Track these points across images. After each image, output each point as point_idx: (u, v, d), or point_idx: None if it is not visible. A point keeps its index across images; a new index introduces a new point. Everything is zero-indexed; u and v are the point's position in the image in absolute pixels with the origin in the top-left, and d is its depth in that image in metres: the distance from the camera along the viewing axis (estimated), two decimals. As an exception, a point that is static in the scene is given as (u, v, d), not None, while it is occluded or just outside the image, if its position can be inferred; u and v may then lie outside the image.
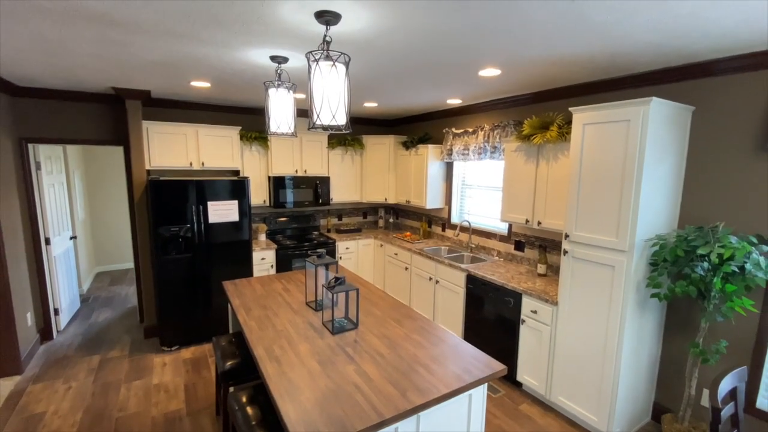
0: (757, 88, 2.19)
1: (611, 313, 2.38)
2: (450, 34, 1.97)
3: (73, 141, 3.77)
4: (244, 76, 2.95)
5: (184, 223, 3.60)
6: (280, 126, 2.40)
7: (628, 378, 2.46)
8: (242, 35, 2.02)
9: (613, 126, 2.31)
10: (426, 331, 2.20)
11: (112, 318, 4.48)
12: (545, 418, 2.77)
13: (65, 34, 2.05)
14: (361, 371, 1.76)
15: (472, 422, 1.88)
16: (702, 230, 2.20)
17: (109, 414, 2.79)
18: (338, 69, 1.68)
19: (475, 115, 4.21)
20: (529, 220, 3.21)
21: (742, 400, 1.61)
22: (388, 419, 1.45)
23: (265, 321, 2.28)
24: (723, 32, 1.88)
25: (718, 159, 2.36)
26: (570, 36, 1.97)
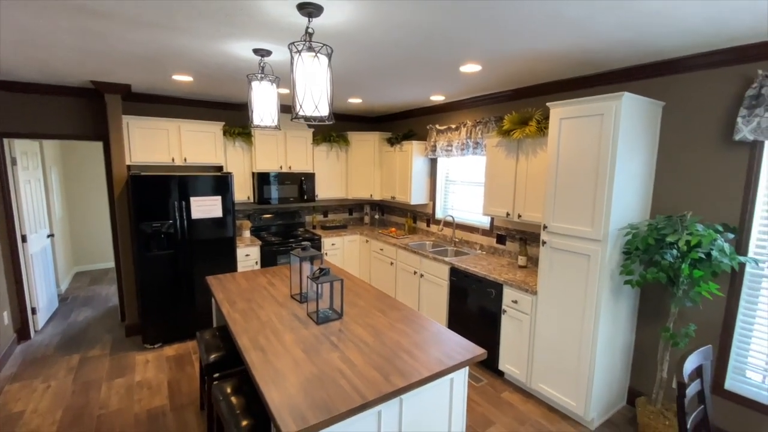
0: (722, 84, 2.31)
1: (587, 301, 2.47)
2: (430, 30, 2.02)
3: (50, 136, 3.68)
4: (226, 70, 2.94)
5: (167, 219, 3.56)
6: (263, 119, 2.41)
7: (604, 364, 2.56)
8: (224, 26, 2.02)
9: (588, 120, 2.40)
10: (409, 320, 2.24)
11: (92, 317, 4.39)
12: (526, 405, 2.85)
13: (42, 24, 2.02)
14: (345, 358, 1.79)
15: (453, 406, 1.93)
16: (671, 219, 2.31)
17: (90, 412, 2.75)
18: (320, 60, 1.71)
19: (457, 112, 4.28)
20: (510, 213, 3.29)
21: (708, 377, 1.70)
22: (371, 401, 1.49)
23: (250, 313, 2.29)
24: (689, 30, 1.98)
25: (687, 151, 2.48)
26: (545, 32, 2.04)
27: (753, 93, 2.13)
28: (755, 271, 2.29)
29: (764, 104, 2.09)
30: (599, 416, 2.64)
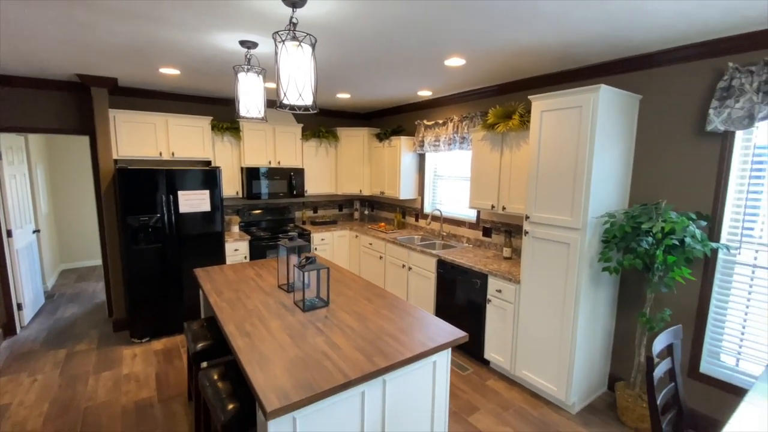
0: (695, 77, 2.39)
1: (567, 288, 2.54)
2: (413, 22, 2.06)
3: (36, 130, 3.65)
4: (214, 63, 2.96)
5: (154, 212, 3.56)
6: (249, 110, 2.43)
7: (584, 349, 2.63)
8: (210, 17, 2.05)
9: (568, 112, 2.46)
10: (395, 307, 2.29)
11: (79, 313, 4.36)
12: (510, 392, 2.91)
13: (29, 15, 2.02)
14: (330, 342, 1.83)
15: (437, 388, 1.98)
16: (646, 207, 2.38)
17: (77, 404, 2.75)
18: (304, 50, 1.74)
19: (445, 108, 4.34)
20: (495, 206, 3.36)
21: (678, 356, 1.77)
22: (354, 380, 1.53)
23: (237, 303, 2.32)
24: (660, 24, 2.05)
25: (662, 142, 2.56)
26: (523, 25, 2.10)
27: (724, 85, 2.22)
28: (728, 258, 2.38)
29: (734, 96, 2.18)
30: (580, 401, 2.72)
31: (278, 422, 1.44)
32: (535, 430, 2.49)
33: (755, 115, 2.10)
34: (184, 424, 2.53)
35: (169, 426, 2.52)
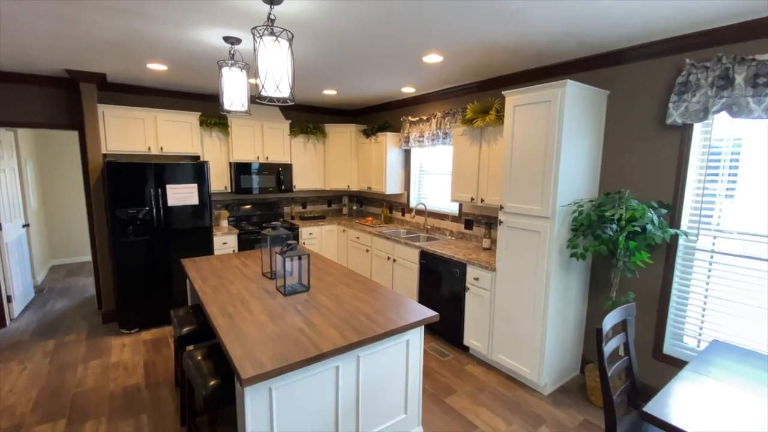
0: (657, 73, 2.53)
1: (538, 274, 2.67)
2: (387, 19, 2.17)
3: (25, 124, 3.71)
4: (200, 59, 3.05)
5: (143, 205, 3.63)
6: (233, 103, 2.53)
7: (555, 332, 2.76)
8: (194, 14, 2.14)
9: (537, 107, 2.59)
10: (372, 290, 2.40)
11: (69, 306, 4.42)
12: (487, 375, 3.04)
13: (17, 9, 2.10)
14: (307, 321, 1.93)
15: (410, 366, 2.10)
16: (610, 196, 2.52)
17: (66, 390, 2.82)
18: (281, 44, 1.85)
19: (429, 104, 4.45)
20: (474, 198, 3.48)
21: (632, 332, 1.90)
22: (327, 353, 1.64)
23: (221, 288, 2.41)
24: (616, 22, 2.18)
25: (629, 135, 2.70)
26: (494, 23, 2.21)
27: (682, 80, 2.35)
28: (689, 244, 2.52)
29: (691, 90, 2.32)
30: (553, 382, 2.84)
31: (255, 391, 1.55)
32: (509, 410, 2.62)
33: (709, 108, 2.24)
34: (170, 407, 2.62)
35: (156, 409, 2.60)
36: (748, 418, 1.27)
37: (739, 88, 2.13)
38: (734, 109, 2.16)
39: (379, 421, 2.01)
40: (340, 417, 1.85)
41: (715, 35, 2.23)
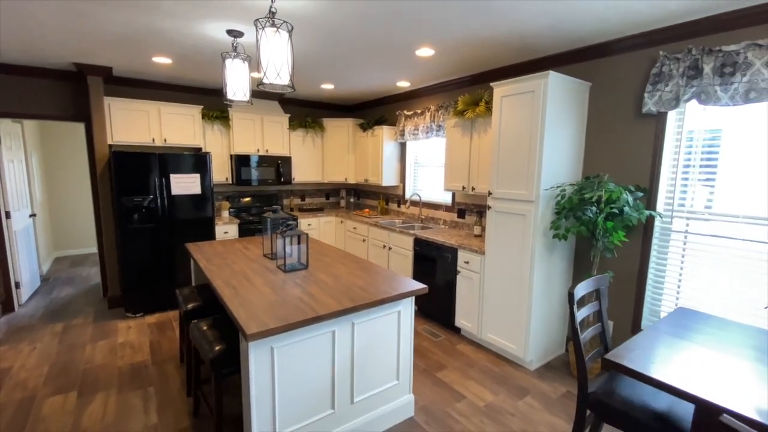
0: (635, 65, 2.70)
1: (523, 255, 2.83)
2: (381, 13, 2.32)
3: (34, 116, 3.85)
4: (204, 53, 3.20)
5: (147, 194, 3.78)
6: (236, 93, 2.68)
7: (540, 311, 2.91)
8: (200, 7, 2.29)
9: (522, 97, 2.75)
10: (367, 269, 2.55)
11: (74, 294, 4.56)
12: (477, 354, 3.19)
13: (30, 5, 2.25)
14: (306, 292, 2.09)
15: (401, 336, 2.25)
16: (589, 180, 2.68)
17: (76, 366, 2.96)
18: (281, 35, 2.00)
19: (423, 98, 4.61)
20: (465, 187, 3.64)
21: (605, 301, 2.06)
22: (323, 315, 1.79)
23: (224, 266, 2.56)
24: (595, 17, 2.34)
25: (609, 124, 2.86)
26: (481, 16, 2.37)
27: (656, 71, 2.52)
28: (665, 226, 2.68)
29: (664, 80, 2.48)
30: (538, 359, 3.00)
31: (258, 348, 1.70)
32: (496, 382, 2.77)
33: (680, 97, 2.40)
34: (176, 380, 2.77)
35: (163, 382, 2.75)
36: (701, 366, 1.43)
37: (707, 78, 2.30)
38: (703, 97, 2.32)
39: (372, 385, 2.17)
40: (336, 379, 2.01)
41: (686, 28, 2.40)
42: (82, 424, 2.31)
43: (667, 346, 1.61)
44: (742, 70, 2.18)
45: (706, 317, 1.93)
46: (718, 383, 1.32)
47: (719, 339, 1.68)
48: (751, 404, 1.21)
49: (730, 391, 1.28)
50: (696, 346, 1.61)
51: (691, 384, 1.32)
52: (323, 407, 1.98)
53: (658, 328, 1.79)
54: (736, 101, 2.21)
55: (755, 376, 1.38)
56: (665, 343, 1.63)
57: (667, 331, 1.76)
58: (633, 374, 1.42)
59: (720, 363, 1.47)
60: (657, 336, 1.70)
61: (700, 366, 1.44)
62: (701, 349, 1.59)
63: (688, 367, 1.43)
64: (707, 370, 1.42)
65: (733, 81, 2.21)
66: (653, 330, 1.77)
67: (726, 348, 1.60)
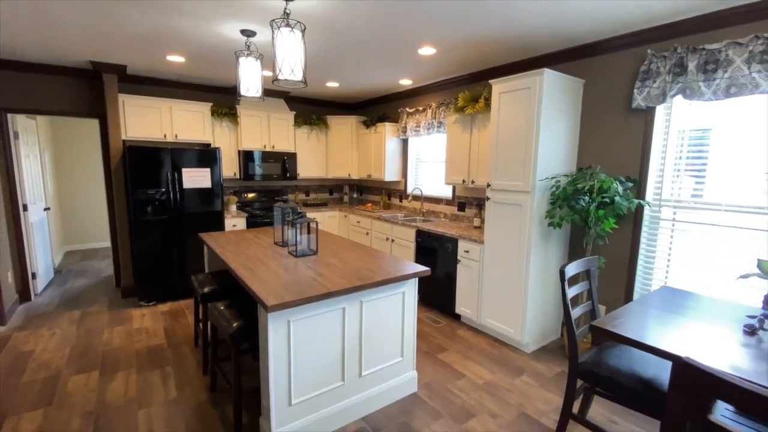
0: (625, 63, 2.85)
1: (521, 243, 2.99)
2: (387, 13, 2.48)
3: (51, 112, 4.01)
4: (216, 51, 3.35)
5: (160, 187, 3.94)
6: (249, 89, 2.83)
7: (536, 296, 3.07)
8: (219, 8, 2.45)
9: (519, 93, 2.91)
10: (372, 255, 2.71)
11: (88, 284, 4.72)
12: (476, 338, 3.35)
13: (61, 4, 2.40)
14: (317, 273, 2.24)
15: (405, 315, 2.41)
16: (582, 171, 2.84)
17: (95, 348, 3.12)
18: (295, 34, 2.16)
19: (424, 96, 4.77)
20: (466, 180, 3.80)
21: (595, 281, 2.22)
22: (334, 291, 1.95)
23: (239, 252, 2.72)
24: (587, 16, 2.50)
25: (602, 118, 3.02)
26: (480, 17, 2.53)
27: (645, 68, 2.68)
28: (654, 214, 2.84)
29: (652, 77, 2.64)
30: (534, 342, 3.16)
31: (276, 320, 1.86)
32: (494, 363, 2.93)
33: (667, 92, 2.56)
34: (192, 361, 2.93)
35: (179, 362, 2.91)
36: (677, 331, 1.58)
37: (692, 74, 2.46)
38: (687, 93, 2.48)
39: (378, 360, 2.33)
40: (346, 354, 2.16)
41: (672, 28, 2.56)
42: (106, 399, 2.47)
43: (649, 316, 1.76)
44: (723, 66, 2.34)
45: (687, 294, 2.09)
46: (692, 345, 1.48)
47: (697, 310, 1.84)
48: (720, 360, 1.37)
49: (702, 351, 1.44)
50: (675, 316, 1.77)
51: (666, 343, 1.47)
52: (333, 379, 2.14)
53: (642, 301, 1.95)
54: (718, 96, 2.37)
55: (724, 340, 1.54)
56: (647, 314, 1.78)
57: (650, 304, 1.92)
58: (614, 336, 1.58)
59: (695, 329, 1.63)
60: (640, 308, 1.86)
61: (676, 331, 1.60)
62: (679, 318, 1.74)
63: (666, 331, 1.59)
64: (683, 334, 1.57)
65: (716, 77, 2.37)
66: (638, 303, 1.92)
67: (701, 317, 1.75)
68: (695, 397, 1.07)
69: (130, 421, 2.26)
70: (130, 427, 2.21)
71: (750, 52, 2.25)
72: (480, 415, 2.33)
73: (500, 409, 2.39)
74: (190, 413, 2.33)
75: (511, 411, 2.38)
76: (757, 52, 2.22)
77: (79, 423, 2.24)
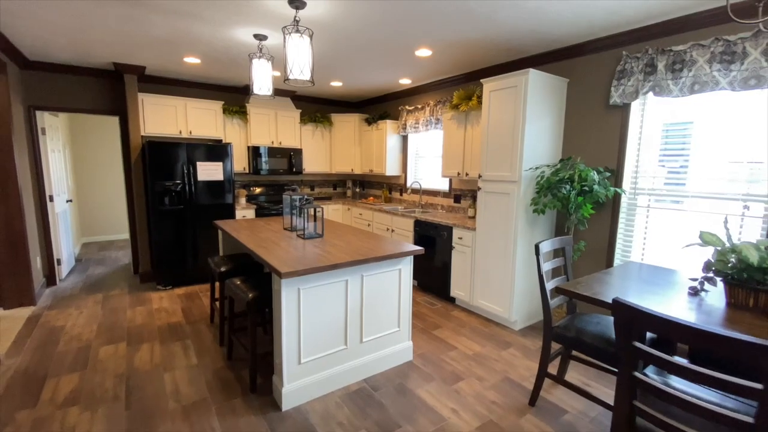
0: (604, 63, 3.12)
1: (508, 230, 3.26)
2: (386, 18, 2.76)
3: (75, 109, 4.33)
4: (230, 53, 3.65)
5: (176, 179, 4.24)
6: (261, 88, 3.12)
7: (523, 278, 3.34)
8: (234, 15, 2.74)
9: (507, 91, 3.18)
10: (373, 237, 2.99)
11: (107, 271, 5.04)
12: (469, 317, 3.63)
13: (98, 12, 2.70)
14: (324, 251, 2.53)
15: (402, 290, 2.69)
16: (563, 162, 3.11)
17: (121, 325, 3.43)
18: (304, 39, 2.44)
19: (423, 95, 5.05)
20: (460, 173, 4.07)
21: (569, 257, 2.49)
22: (338, 264, 2.23)
23: (252, 235, 3.01)
24: (565, 22, 2.77)
25: (584, 114, 3.28)
26: (469, 23, 2.81)
27: (621, 68, 2.94)
28: (631, 201, 3.11)
29: (627, 76, 2.91)
30: (522, 321, 3.43)
31: (288, 286, 2.15)
32: (484, 338, 3.21)
33: (639, 90, 2.83)
34: (209, 335, 3.22)
35: (197, 336, 3.21)
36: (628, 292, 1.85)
37: (661, 73, 2.72)
38: (657, 90, 2.75)
39: (378, 329, 2.61)
40: (349, 321, 2.45)
41: (644, 32, 2.82)
42: (134, 364, 2.77)
43: (608, 283, 2.03)
44: (688, 66, 2.61)
45: (650, 267, 2.35)
46: (642, 303, 1.75)
47: (654, 279, 2.10)
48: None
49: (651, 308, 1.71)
50: (633, 282, 2.04)
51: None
52: (338, 343, 2.43)
53: (607, 272, 2.22)
54: (684, 93, 2.64)
55: (672, 300, 1.81)
56: (607, 282, 2.05)
57: (614, 274, 2.18)
58: (568, 293, 1.85)
59: (647, 291, 1.90)
60: (602, 277, 2.13)
61: (630, 293, 1.87)
62: (636, 283, 2.01)
63: (620, 293, 1.86)
64: (635, 295, 1.84)
65: (682, 76, 2.64)
66: (602, 273, 2.19)
67: (657, 283, 2.02)
68: (627, 329, 1.34)
69: (157, 382, 2.55)
70: (158, 386, 2.51)
71: (711, 53, 2.51)
72: (468, 379, 2.61)
73: (487, 375, 2.67)
74: (210, 375, 2.62)
75: (496, 376, 2.66)
76: (718, 52, 2.49)
77: (113, 383, 2.54)
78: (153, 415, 2.22)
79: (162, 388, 2.48)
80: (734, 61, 2.42)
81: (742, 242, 1.64)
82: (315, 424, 2.14)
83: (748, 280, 1.62)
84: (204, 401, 2.34)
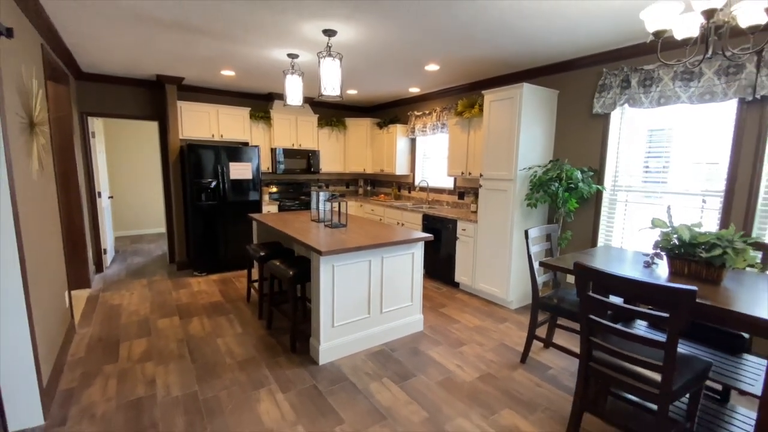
0: (589, 78, 3.62)
1: (506, 221, 3.77)
2: (402, 43, 3.28)
3: (120, 116, 4.88)
4: (262, 68, 4.17)
5: (212, 178, 4.78)
6: (293, 100, 3.65)
7: (518, 264, 3.84)
8: (275, 39, 3.26)
9: (505, 102, 3.69)
10: (389, 227, 3.51)
11: (145, 261, 5.59)
12: (471, 299, 4.14)
13: (158, 37, 3.24)
14: (349, 237, 3.05)
15: (414, 271, 3.21)
16: (553, 163, 3.61)
17: (170, 303, 3.97)
18: (335, 62, 2.96)
19: (430, 101, 5.56)
20: (464, 172, 4.58)
21: (555, 242, 2.99)
22: (363, 246, 2.75)
23: (285, 225, 3.53)
24: (550, 45, 3.27)
25: (572, 122, 3.78)
26: (472, 45, 3.31)
27: (602, 83, 3.44)
28: (612, 197, 3.60)
29: (606, 90, 3.41)
30: (518, 301, 3.93)
31: (326, 263, 2.67)
32: (483, 315, 3.72)
33: (617, 102, 3.33)
34: (247, 312, 3.76)
35: (238, 311, 3.74)
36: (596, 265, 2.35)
37: (634, 88, 3.22)
38: (631, 102, 3.25)
39: (395, 302, 3.13)
40: (371, 294, 2.97)
41: (620, 53, 3.32)
42: (190, 332, 3.30)
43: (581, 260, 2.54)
44: (656, 82, 3.10)
45: (620, 249, 2.85)
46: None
47: (620, 256, 2.60)
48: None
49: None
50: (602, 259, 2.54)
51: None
52: (362, 312, 2.94)
53: (583, 252, 2.72)
54: (653, 105, 3.13)
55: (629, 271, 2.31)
56: (581, 258, 2.56)
57: (588, 253, 2.69)
58: (545, 265, 2.36)
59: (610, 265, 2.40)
60: (578, 256, 2.63)
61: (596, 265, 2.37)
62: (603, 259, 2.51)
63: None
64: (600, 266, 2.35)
65: (651, 90, 3.13)
66: (578, 253, 2.70)
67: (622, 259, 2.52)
68: (583, 283, 1.85)
69: (212, 345, 3.09)
70: (213, 347, 3.04)
71: (674, 72, 3.01)
72: (470, 344, 3.12)
73: (485, 341, 3.18)
74: (255, 340, 3.15)
75: (493, 342, 3.17)
76: (679, 72, 2.98)
77: (176, 346, 3.08)
78: (215, 368, 2.75)
79: (217, 349, 3.02)
80: (693, 80, 2.92)
81: (680, 224, 2.14)
82: (347, 373, 2.67)
83: (684, 254, 2.12)
84: (254, 359, 2.87)
